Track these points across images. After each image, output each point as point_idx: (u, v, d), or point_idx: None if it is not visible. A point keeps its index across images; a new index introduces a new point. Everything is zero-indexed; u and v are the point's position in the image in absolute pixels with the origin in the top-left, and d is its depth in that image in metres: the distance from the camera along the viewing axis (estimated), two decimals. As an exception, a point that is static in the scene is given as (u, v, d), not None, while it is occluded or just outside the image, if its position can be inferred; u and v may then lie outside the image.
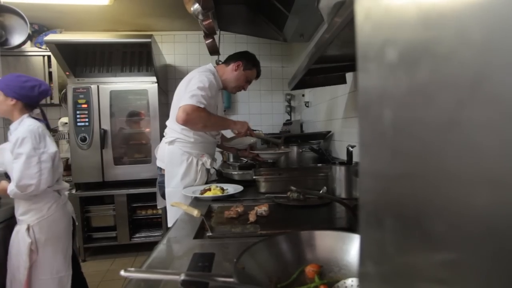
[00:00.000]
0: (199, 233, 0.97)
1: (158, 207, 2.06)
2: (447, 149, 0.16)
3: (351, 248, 0.72)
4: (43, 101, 3.16)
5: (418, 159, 0.19)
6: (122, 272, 0.60)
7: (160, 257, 0.78)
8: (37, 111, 1.74)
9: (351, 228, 0.90)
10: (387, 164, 0.22)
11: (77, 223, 1.92)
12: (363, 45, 0.25)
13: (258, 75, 1.90)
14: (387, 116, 0.22)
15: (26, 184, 1.52)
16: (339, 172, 1.35)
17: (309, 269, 0.69)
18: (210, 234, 0.92)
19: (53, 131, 3.32)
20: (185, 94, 1.57)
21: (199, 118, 1.55)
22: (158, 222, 3.24)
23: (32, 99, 1.65)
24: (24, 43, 2.25)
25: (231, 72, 1.80)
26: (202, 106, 1.54)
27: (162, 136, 1.88)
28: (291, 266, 0.71)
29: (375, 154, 0.24)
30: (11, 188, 1.55)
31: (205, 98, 1.57)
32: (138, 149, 3.22)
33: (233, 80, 1.80)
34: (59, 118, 3.32)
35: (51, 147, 1.64)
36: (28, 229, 1.59)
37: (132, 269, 0.61)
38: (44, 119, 1.74)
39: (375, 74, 0.23)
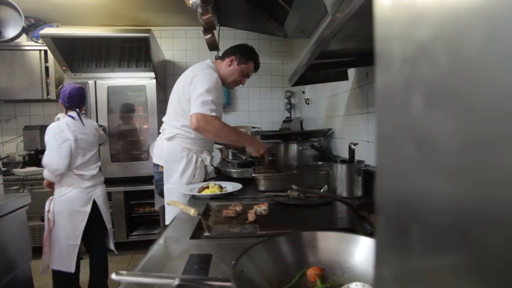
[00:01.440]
0: (196, 233, 0.93)
1: (155, 207, 2.02)
2: (508, 140, 0.12)
3: (355, 250, 0.69)
4: (38, 97, 3.16)
5: (463, 154, 0.15)
6: (113, 276, 0.57)
7: (155, 258, 0.74)
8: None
9: (354, 228, 0.87)
10: (416, 162, 0.18)
11: (101, 208, 2.22)
12: (384, 24, 0.21)
13: (256, 68, 1.84)
14: (417, 104, 0.18)
15: (51, 166, 1.99)
16: (341, 171, 1.32)
17: (311, 272, 0.66)
18: (208, 234, 0.89)
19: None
20: (195, 100, 1.53)
21: (212, 128, 1.52)
22: (156, 220, 3.21)
23: (65, 103, 2.12)
24: (18, 36, 2.20)
25: (226, 67, 1.75)
26: (213, 114, 1.52)
27: (158, 133, 1.84)
28: (292, 269, 0.68)
29: (399, 149, 0.20)
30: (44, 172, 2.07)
31: (214, 102, 1.54)
32: (136, 145, 3.18)
33: (228, 76, 1.76)
34: (56, 114, 3.26)
35: (70, 137, 2.02)
36: (51, 200, 2.10)
37: (124, 272, 0.58)
38: (79, 118, 2.15)
39: (401, 56, 0.19)
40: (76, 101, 2.15)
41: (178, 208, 0.97)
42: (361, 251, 0.68)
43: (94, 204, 2.17)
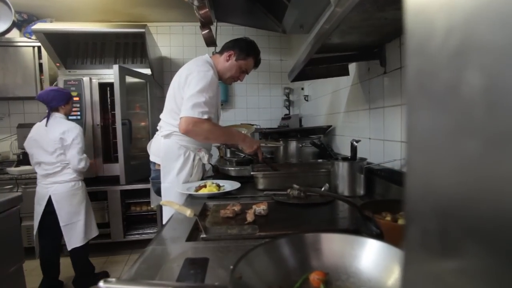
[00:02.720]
0: (193, 235, 0.89)
1: (152, 205, 1.97)
2: None
3: (361, 253, 0.65)
4: (32, 94, 3.09)
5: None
6: (101, 284, 0.53)
7: (148, 263, 0.70)
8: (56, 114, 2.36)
9: (358, 230, 0.83)
10: (476, 161, 0.14)
11: (55, 205, 2.28)
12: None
13: (256, 65, 1.77)
14: (472, 82, 0.13)
15: None
16: (342, 168, 1.28)
17: (314, 277, 0.62)
18: (204, 236, 0.85)
19: (44, 125, 3.23)
20: (187, 102, 1.47)
21: (201, 131, 1.47)
22: (153, 219, 3.17)
23: None
24: (8, 30, 2.12)
25: (223, 62, 1.68)
26: (205, 117, 1.46)
27: (156, 130, 1.79)
28: (294, 274, 0.64)
29: (446, 146, 0.15)
30: None
31: (207, 104, 1.47)
32: (133, 143, 3.12)
33: (225, 71, 1.69)
34: (50, 112, 3.21)
35: (27, 144, 2.34)
36: None
37: (113, 279, 0.53)
38: (46, 119, 2.34)
39: (446, 24, 0.15)
40: (46, 102, 2.31)
41: (173, 208, 0.93)
42: (367, 255, 0.64)
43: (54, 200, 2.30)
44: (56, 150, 2.26)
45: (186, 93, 1.50)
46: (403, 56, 1.16)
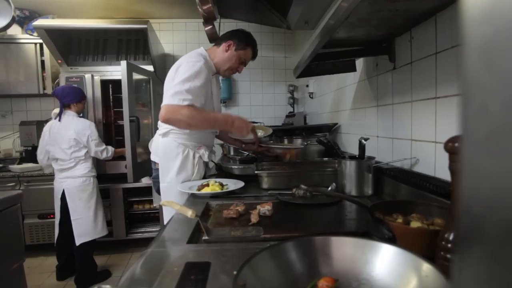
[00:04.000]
0: (194, 236, 0.86)
1: (153, 204, 1.94)
2: None
3: (373, 258, 0.61)
4: (34, 91, 3.08)
5: None
6: (95, 291, 0.49)
7: (146, 267, 0.66)
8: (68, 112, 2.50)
9: (368, 232, 0.79)
10: None
11: (68, 199, 2.38)
12: None
13: (254, 56, 1.74)
14: None
15: None
16: (350, 167, 1.23)
17: (323, 284, 0.58)
18: (206, 238, 0.81)
19: (46, 122, 3.21)
20: (169, 90, 1.45)
21: (181, 117, 1.41)
22: (156, 217, 3.14)
23: None
24: (8, 26, 2.10)
25: (222, 53, 1.64)
26: (186, 103, 1.41)
27: (157, 128, 1.75)
28: (301, 280, 0.60)
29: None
30: None
31: (190, 92, 1.43)
32: (135, 141, 3.10)
33: (224, 62, 1.64)
34: (53, 109, 3.19)
35: (43, 137, 2.47)
36: None
37: (108, 286, 0.50)
38: (59, 115, 2.48)
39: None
40: (61, 97, 2.42)
41: (174, 209, 0.89)
42: (380, 260, 0.60)
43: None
44: (70, 147, 2.39)
45: (171, 85, 1.47)
46: (415, 50, 1.11)
